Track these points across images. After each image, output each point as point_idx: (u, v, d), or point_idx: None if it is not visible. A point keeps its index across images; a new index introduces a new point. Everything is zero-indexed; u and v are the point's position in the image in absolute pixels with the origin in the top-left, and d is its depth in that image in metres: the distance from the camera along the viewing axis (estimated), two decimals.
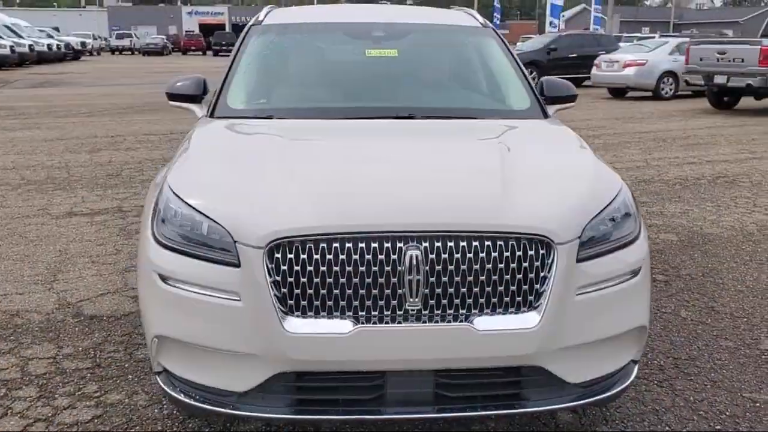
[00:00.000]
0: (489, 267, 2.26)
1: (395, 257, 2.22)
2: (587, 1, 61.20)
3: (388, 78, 3.75)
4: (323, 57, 3.99)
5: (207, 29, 72.06)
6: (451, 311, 2.27)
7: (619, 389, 2.53)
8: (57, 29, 51.44)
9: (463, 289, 2.26)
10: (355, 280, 2.23)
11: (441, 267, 2.24)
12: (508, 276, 2.27)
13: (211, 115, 3.44)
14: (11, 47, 30.85)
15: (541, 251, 2.29)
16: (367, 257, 2.22)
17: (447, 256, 2.24)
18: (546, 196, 2.45)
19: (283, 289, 2.24)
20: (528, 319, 2.28)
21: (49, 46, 37.93)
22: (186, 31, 71.97)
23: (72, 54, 42.44)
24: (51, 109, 14.97)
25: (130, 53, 59.98)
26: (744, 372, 3.40)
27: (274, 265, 2.23)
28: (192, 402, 2.42)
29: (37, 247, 5.28)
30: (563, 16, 36.01)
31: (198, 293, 2.31)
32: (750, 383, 3.29)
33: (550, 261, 2.30)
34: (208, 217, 2.36)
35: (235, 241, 2.27)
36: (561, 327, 2.31)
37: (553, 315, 2.29)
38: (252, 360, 2.29)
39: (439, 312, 2.27)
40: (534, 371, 2.36)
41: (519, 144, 3.00)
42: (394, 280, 2.23)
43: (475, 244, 2.25)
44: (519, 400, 2.40)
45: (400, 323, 2.25)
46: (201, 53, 60.72)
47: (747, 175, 8.28)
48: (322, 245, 2.22)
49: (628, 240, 2.54)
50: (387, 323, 2.25)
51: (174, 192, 2.52)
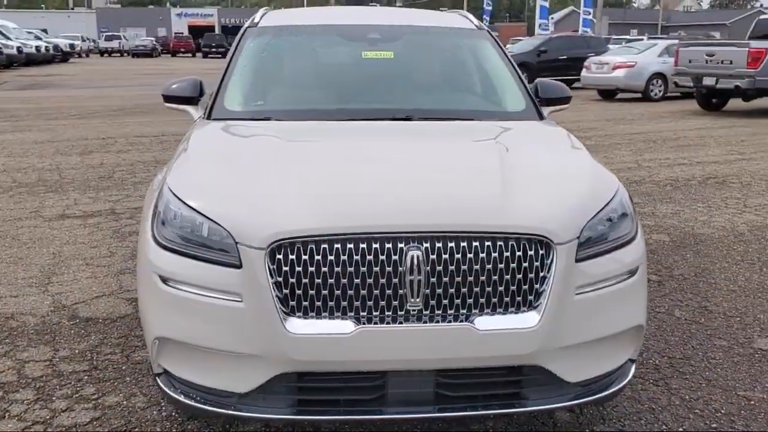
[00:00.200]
0: (489, 267, 2.28)
1: (396, 258, 2.24)
2: (576, 4, 61.53)
3: (384, 80, 3.77)
4: (320, 59, 4.00)
5: (196, 31, 71.84)
6: (452, 311, 2.29)
7: (617, 388, 2.55)
8: (45, 31, 51.17)
9: (464, 289, 2.28)
10: (357, 280, 2.24)
11: (442, 267, 2.26)
12: (508, 276, 2.29)
13: (208, 117, 3.44)
14: None
15: (541, 251, 2.31)
16: (369, 258, 2.23)
17: (447, 256, 2.25)
18: (545, 196, 2.48)
19: (285, 290, 2.24)
20: (528, 319, 2.30)
21: (38, 47, 37.70)
22: (175, 33, 71.74)
23: (61, 56, 42.18)
24: (41, 112, 14.89)
25: (119, 55, 59.68)
26: (738, 370, 3.44)
27: (275, 266, 2.24)
28: (193, 403, 2.42)
29: (31, 250, 5.26)
30: (552, 18, 36.18)
31: (199, 294, 2.32)
32: (744, 381, 3.32)
33: (549, 261, 2.32)
34: (208, 219, 2.36)
35: (237, 243, 2.28)
36: (560, 326, 2.33)
37: (553, 314, 2.31)
38: (253, 361, 2.29)
39: (440, 312, 2.28)
40: (534, 370, 2.37)
41: (517, 145, 3.02)
42: (395, 280, 2.24)
43: (476, 244, 2.27)
44: (519, 399, 2.42)
45: (401, 323, 2.27)
46: (190, 55, 60.49)
47: (737, 176, 8.35)
48: (323, 246, 2.23)
49: (625, 240, 2.56)
50: (388, 323, 2.26)
51: (174, 193, 2.52)
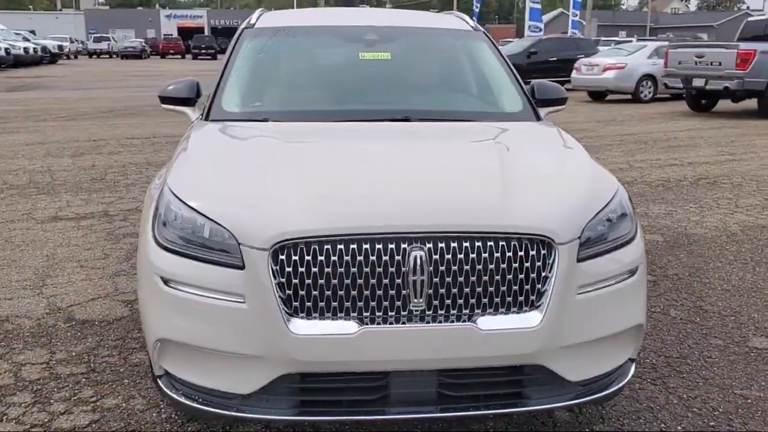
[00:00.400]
0: (492, 267, 2.29)
1: (399, 258, 2.24)
2: (565, 6, 61.78)
3: (382, 81, 3.77)
4: (317, 60, 4.00)
5: (186, 32, 71.57)
6: (455, 311, 2.29)
7: (618, 387, 2.56)
8: (33, 32, 50.85)
9: (467, 289, 2.28)
10: (360, 281, 2.24)
11: (444, 267, 2.26)
12: (510, 276, 2.30)
13: (206, 118, 3.43)
14: None
15: (543, 251, 2.32)
16: (372, 258, 2.24)
17: (450, 256, 2.26)
18: (546, 196, 2.49)
19: (288, 291, 2.24)
20: (530, 319, 2.31)
21: (26, 49, 37.44)
22: (165, 35, 71.42)
23: (49, 57, 41.91)
24: (30, 113, 14.80)
25: (108, 57, 59.37)
26: (734, 369, 3.46)
27: (278, 267, 2.24)
28: (195, 405, 2.41)
29: (24, 252, 5.23)
30: (541, 20, 36.25)
31: (201, 296, 2.31)
32: (741, 380, 3.35)
33: (551, 261, 2.33)
34: (210, 220, 2.36)
35: (240, 243, 2.27)
36: (562, 326, 2.34)
37: (555, 314, 2.32)
38: (256, 362, 2.29)
39: (443, 312, 2.29)
40: (535, 370, 2.38)
41: (516, 146, 3.03)
42: (398, 280, 2.25)
43: (478, 244, 2.28)
44: (521, 398, 2.43)
45: (404, 324, 2.27)
46: (180, 57, 60.25)
47: (727, 177, 8.41)
48: (326, 246, 2.23)
49: (625, 240, 2.58)
50: (391, 324, 2.27)
51: (175, 194, 2.51)
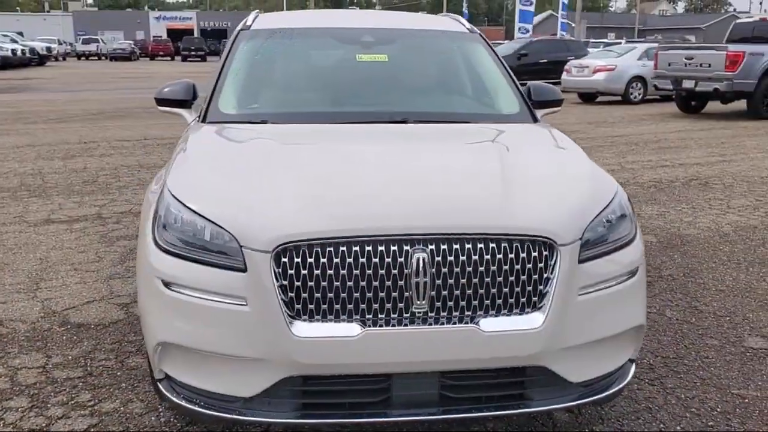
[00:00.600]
0: (494, 269, 2.29)
1: (402, 260, 2.24)
2: (554, 8, 62.04)
3: (379, 83, 3.77)
4: (314, 62, 3.99)
5: (175, 34, 71.41)
6: (457, 313, 2.30)
7: (619, 388, 2.57)
8: (21, 34, 50.61)
9: (469, 291, 2.29)
10: (362, 283, 2.24)
11: (447, 269, 2.26)
12: (512, 277, 2.30)
13: (203, 120, 3.42)
14: None
15: (545, 252, 2.33)
16: (374, 260, 2.23)
17: (453, 258, 2.26)
18: (547, 198, 2.49)
19: (290, 293, 2.23)
20: (533, 320, 2.31)
21: (14, 51, 37.21)
22: (154, 37, 71.17)
23: (37, 59, 41.65)
24: (19, 116, 14.71)
25: (96, 58, 59.07)
26: (731, 369, 3.48)
27: (281, 269, 2.23)
28: (196, 408, 2.40)
29: (17, 255, 5.19)
30: (532, 22, 36.37)
31: (203, 298, 2.30)
32: (737, 380, 3.37)
33: (553, 262, 2.33)
34: (212, 222, 2.35)
35: (241, 246, 2.26)
36: (564, 327, 2.35)
37: (557, 315, 2.32)
38: (258, 365, 2.28)
39: (445, 314, 2.29)
40: (537, 371, 2.38)
41: (516, 147, 3.04)
42: (400, 282, 2.24)
43: (480, 246, 2.28)
44: (523, 400, 2.43)
45: (406, 326, 2.27)
46: (169, 58, 60.07)
47: (719, 178, 8.47)
48: (329, 249, 2.23)
49: (625, 241, 2.59)
50: (394, 326, 2.26)
51: (175, 197, 2.50)
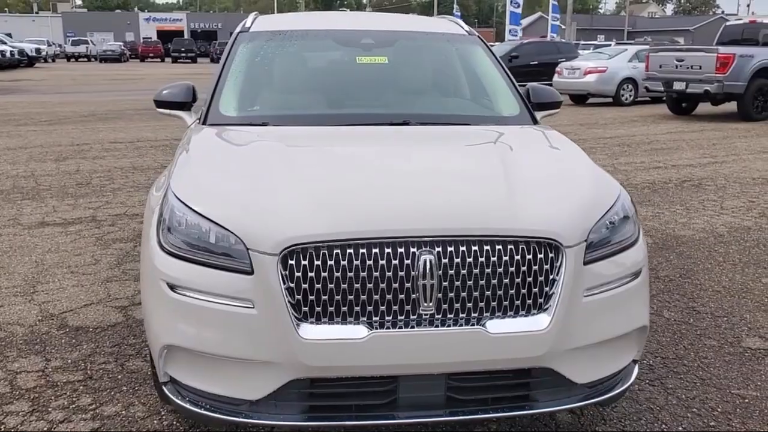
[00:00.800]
0: (500, 270, 2.30)
1: (409, 262, 2.24)
2: (544, 9, 62.23)
3: (380, 85, 3.77)
4: (314, 64, 3.99)
5: (165, 36, 71.29)
6: (464, 315, 2.30)
7: (623, 388, 2.59)
8: (9, 35, 50.29)
9: (476, 293, 2.29)
10: (369, 285, 2.24)
11: (454, 271, 2.27)
12: (518, 279, 2.31)
13: (203, 123, 3.41)
14: None
15: (550, 254, 2.34)
16: (381, 262, 2.23)
17: (459, 260, 2.27)
18: (552, 200, 2.50)
19: (297, 296, 2.23)
20: (539, 322, 2.32)
21: (2, 52, 37.02)
22: (144, 38, 70.92)
23: (26, 61, 41.45)
24: (9, 118, 14.62)
25: (86, 60, 58.81)
26: (730, 369, 3.50)
27: (288, 272, 2.23)
28: (201, 411, 2.39)
29: (12, 258, 5.15)
30: (520, 24, 36.48)
31: (209, 301, 2.30)
32: (737, 380, 3.39)
33: (558, 264, 2.34)
34: (217, 225, 2.34)
35: (248, 249, 2.26)
36: (570, 328, 2.36)
37: (563, 317, 2.33)
38: (266, 367, 2.28)
39: (452, 316, 2.29)
40: (543, 372, 2.39)
41: (519, 149, 3.05)
42: (407, 284, 2.25)
43: (487, 248, 2.29)
44: (528, 401, 2.44)
45: (413, 328, 2.27)
46: (159, 60, 59.90)
47: (711, 179, 8.52)
48: (336, 251, 2.23)
49: (629, 243, 2.60)
50: (401, 328, 2.27)
51: (179, 199, 2.49)
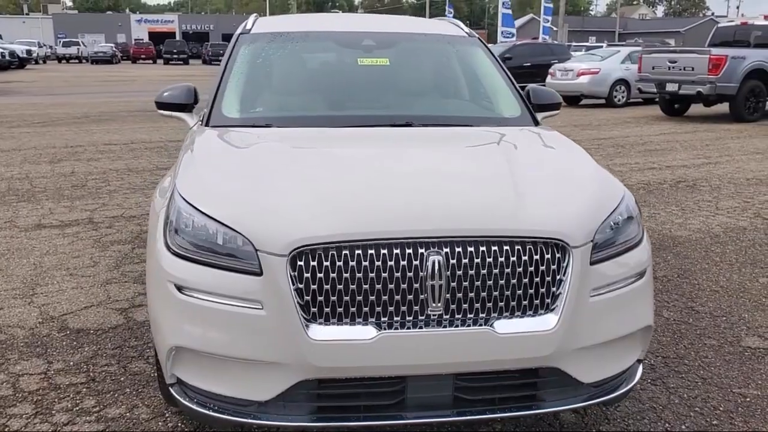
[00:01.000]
0: (507, 271, 2.31)
1: (417, 263, 2.25)
2: (536, 11, 62.42)
3: (382, 86, 3.78)
4: (316, 66, 4.00)
5: (157, 37, 71.09)
6: (472, 315, 2.31)
7: (628, 388, 2.60)
8: (0, 37, 50.02)
9: (483, 293, 2.30)
10: (378, 286, 2.24)
11: (462, 272, 2.28)
12: (526, 279, 2.32)
13: (206, 124, 3.40)
14: None
15: (557, 255, 2.35)
16: (390, 263, 2.24)
17: (467, 261, 2.28)
18: (558, 200, 2.51)
19: (306, 297, 2.24)
20: (546, 321, 2.33)
21: None
22: (135, 40, 70.73)
23: (17, 62, 41.27)
24: (2, 119, 14.56)
25: (77, 62, 58.58)
26: (730, 368, 3.53)
27: (296, 273, 2.23)
28: (209, 413, 2.39)
29: (10, 261, 5.13)
30: (514, 25, 36.56)
31: (218, 302, 2.30)
32: (738, 379, 3.41)
33: (565, 264, 2.36)
34: (225, 226, 2.34)
35: (257, 250, 2.26)
36: (577, 328, 2.37)
37: (570, 317, 2.34)
38: (274, 368, 2.28)
39: (460, 316, 2.30)
40: (550, 372, 2.40)
41: (522, 150, 3.06)
42: (416, 285, 2.26)
43: (494, 248, 2.30)
44: (535, 401, 2.45)
45: (421, 328, 2.28)
46: (151, 62, 59.74)
47: (706, 180, 8.57)
48: (344, 252, 2.23)
49: (633, 243, 2.62)
50: (409, 329, 2.27)
51: (186, 201, 2.49)
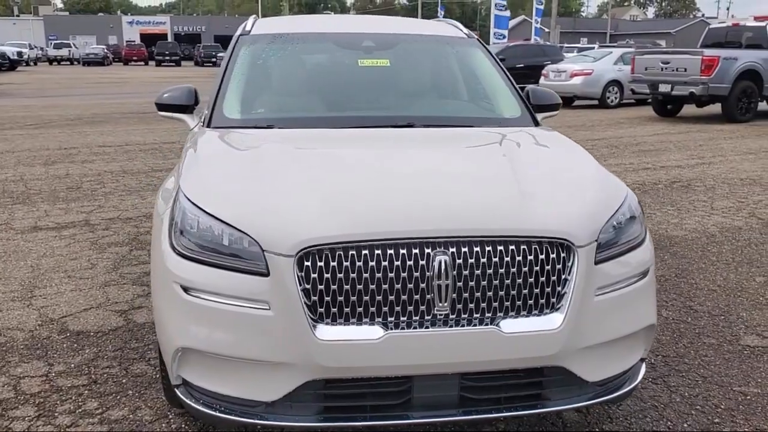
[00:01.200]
0: (513, 270, 2.32)
1: (423, 263, 2.26)
2: (527, 13, 62.62)
3: (383, 87, 3.79)
4: (317, 67, 4.00)
5: (149, 39, 70.87)
6: (478, 315, 2.32)
7: (632, 386, 2.61)
8: None
9: (489, 293, 2.31)
10: (385, 286, 2.25)
11: (468, 272, 2.28)
12: (531, 279, 2.33)
13: (208, 126, 3.40)
14: None
15: (562, 254, 2.36)
16: (396, 263, 2.25)
17: (473, 260, 2.29)
18: (563, 200, 2.53)
19: (313, 297, 2.24)
20: (552, 321, 2.34)
21: None
22: (127, 41, 70.56)
23: (8, 64, 41.03)
24: None
25: (68, 63, 58.32)
26: (730, 367, 3.55)
27: (303, 273, 2.24)
28: (216, 413, 2.39)
29: (7, 263, 5.11)
30: (507, 27, 36.63)
31: (224, 303, 2.30)
32: (738, 378, 3.44)
33: (570, 264, 2.37)
34: (232, 227, 2.34)
35: (264, 250, 2.26)
36: (582, 327, 2.38)
37: (575, 316, 2.35)
38: (281, 369, 2.28)
39: (466, 316, 2.31)
40: (555, 371, 2.41)
41: (525, 150, 3.08)
42: (422, 285, 2.26)
43: (500, 248, 2.31)
44: (540, 400, 2.46)
45: (428, 328, 2.28)
46: (143, 63, 59.54)
47: (700, 180, 8.62)
48: (351, 252, 2.24)
49: (637, 242, 2.63)
50: (415, 328, 2.28)
51: (192, 201, 2.49)
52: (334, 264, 2.24)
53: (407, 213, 2.35)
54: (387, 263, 2.25)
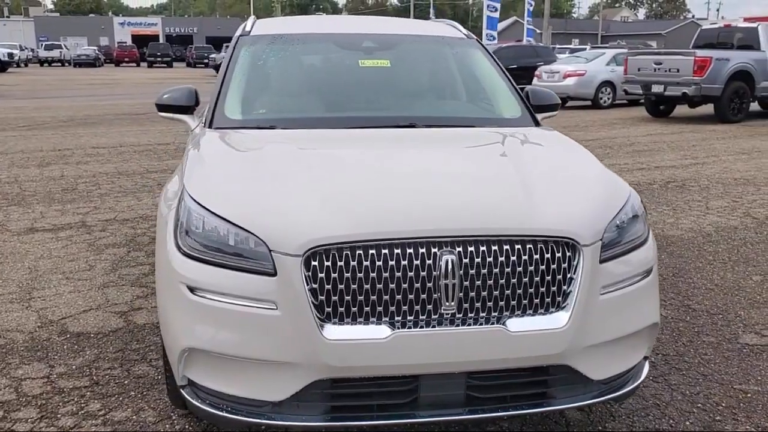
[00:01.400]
0: (519, 270, 2.33)
1: (430, 262, 2.26)
2: (518, 14, 62.76)
3: (384, 87, 3.79)
4: (318, 67, 4.00)
5: (140, 40, 70.64)
6: (484, 314, 2.33)
7: (636, 384, 2.63)
8: None
9: (496, 292, 2.32)
10: (392, 285, 2.26)
11: (474, 271, 2.29)
12: (537, 278, 2.35)
13: (209, 126, 3.40)
14: None
15: (568, 253, 2.38)
16: (403, 263, 2.25)
17: (480, 260, 2.29)
18: (568, 200, 2.54)
19: (321, 297, 2.24)
20: (557, 319, 2.36)
21: None
22: (118, 43, 70.30)
23: None
24: None
25: (60, 65, 58.04)
26: (730, 365, 3.57)
27: (311, 273, 2.24)
28: (222, 414, 2.39)
29: (4, 265, 5.08)
30: (496, 28, 36.70)
31: (231, 303, 2.30)
32: (738, 376, 3.46)
33: (576, 262, 2.38)
34: (238, 227, 2.34)
35: (271, 250, 2.26)
36: (587, 326, 2.39)
37: (581, 314, 2.37)
38: (288, 368, 2.28)
39: (473, 315, 2.32)
40: (561, 370, 2.42)
41: (527, 150, 3.09)
42: (429, 284, 2.27)
43: (506, 247, 2.32)
44: (546, 398, 2.47)
45: (435, 327, 2.29)
46: (135, 65, 59.36)
47: (695, 180, 8.67)
48: (358, 252, 2.24)
49: (640, 241, 2.65)
50: (422, 328, 2.29)
51: (197, 202, 2.49)
52: (341, 264, 2.24)
53: (413, 212, 2.36)
54: (394, 263, 2.25)
